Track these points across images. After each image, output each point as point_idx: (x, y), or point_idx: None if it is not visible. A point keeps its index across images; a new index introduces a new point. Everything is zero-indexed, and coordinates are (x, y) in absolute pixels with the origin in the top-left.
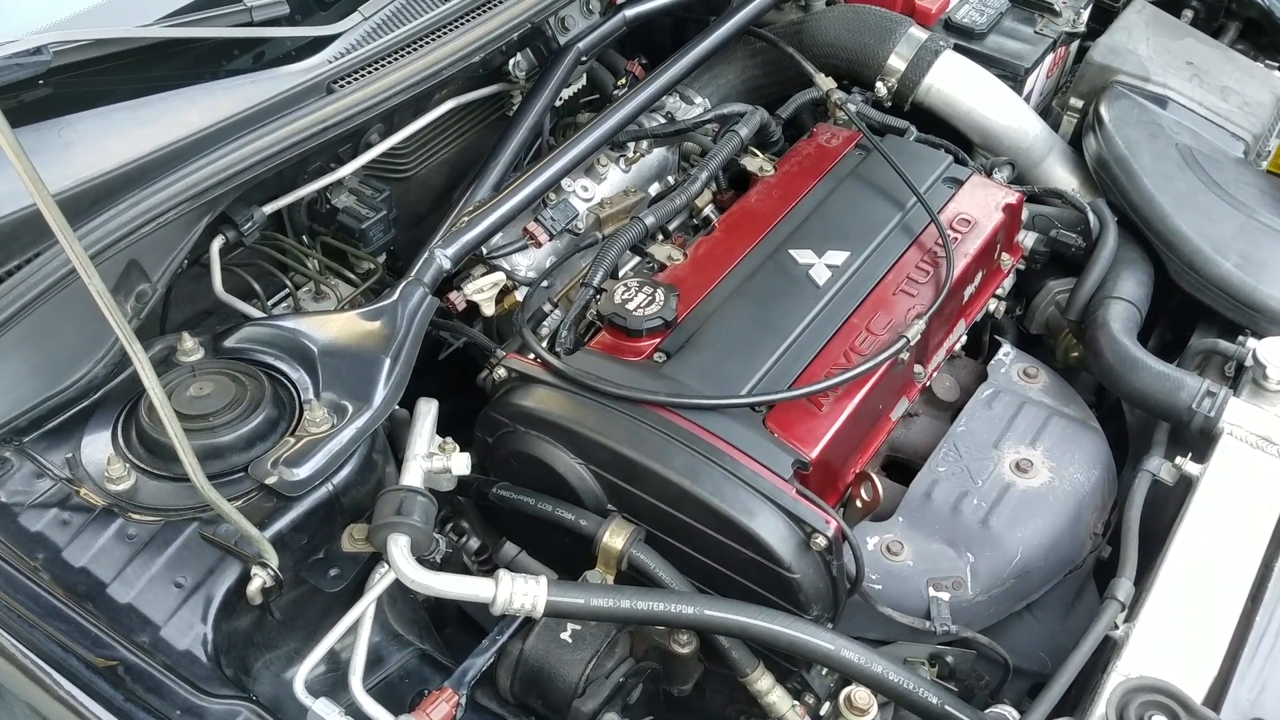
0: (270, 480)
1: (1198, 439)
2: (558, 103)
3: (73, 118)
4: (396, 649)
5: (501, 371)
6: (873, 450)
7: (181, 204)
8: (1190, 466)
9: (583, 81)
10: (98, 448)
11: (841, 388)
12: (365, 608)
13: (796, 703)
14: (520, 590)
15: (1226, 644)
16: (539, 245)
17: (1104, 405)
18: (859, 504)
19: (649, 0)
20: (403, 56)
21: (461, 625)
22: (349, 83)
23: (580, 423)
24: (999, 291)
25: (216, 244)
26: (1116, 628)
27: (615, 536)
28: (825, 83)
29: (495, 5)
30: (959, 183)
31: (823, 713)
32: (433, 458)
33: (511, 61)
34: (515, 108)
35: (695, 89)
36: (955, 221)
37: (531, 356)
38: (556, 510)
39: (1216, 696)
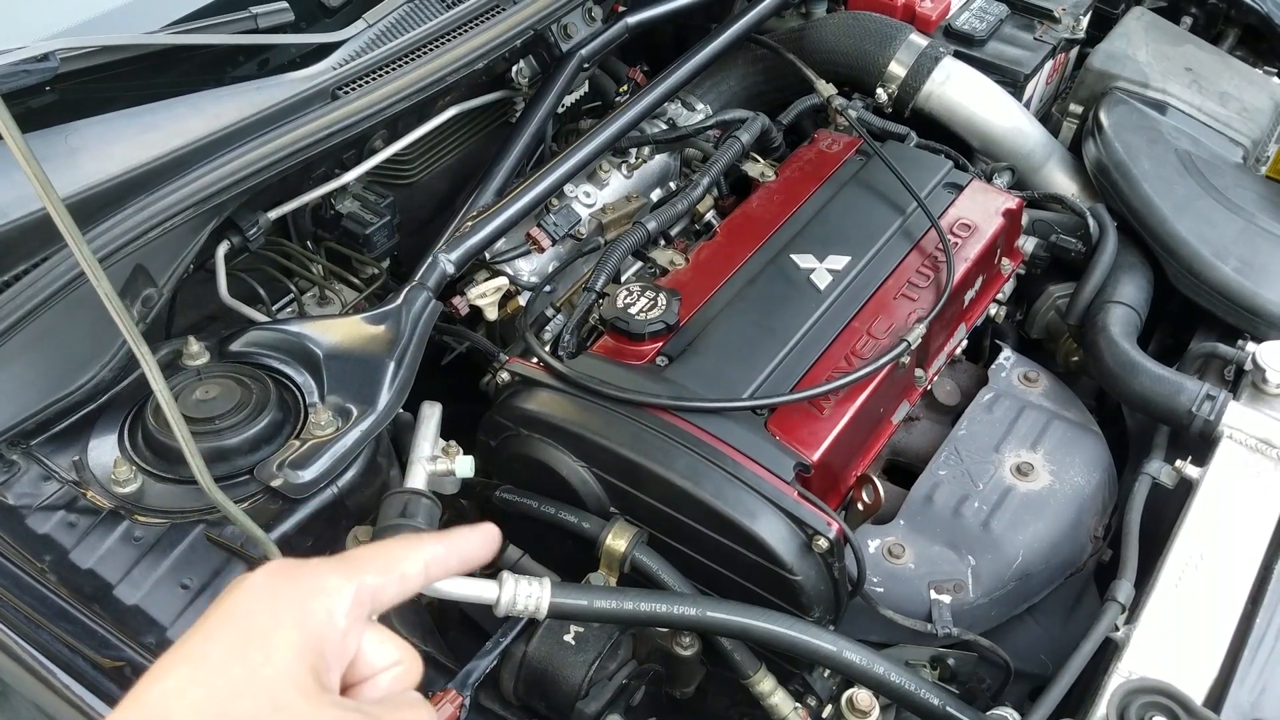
0: (276, 483)
1: (1197, 442)
2: (560, 109)
3: (79, 124)
4: None
5: (504, 375)
6: (874, 453)
7: (187, 209)
8: (1190, 469)
9: (585, 88)
10: (104, 450)
11: (843, 391)
12: None
13: (799, 705)
14: (524, 592)
15: (1227, 645)
16: (541, 250)
17: (1104, 409)
18: (860, 507)
19: (651, 7)
20: (406, 63)
21: (464, 629)
22: (353, 89)
23: (583, 426)
24: (999, 296)
25: (222, 249)
26: (1117, 629)
27: (618, 539)
28: (826, 89)
29: (498, 12)
30: (959, 188)
31: (825, 715)
32: (436, 461)
33: (514, 68)
34: (518, 114)
35: (697, 95)
36: (956, 226)
37: (534, 360)
38: (559, 513)
39: (1217, 697)
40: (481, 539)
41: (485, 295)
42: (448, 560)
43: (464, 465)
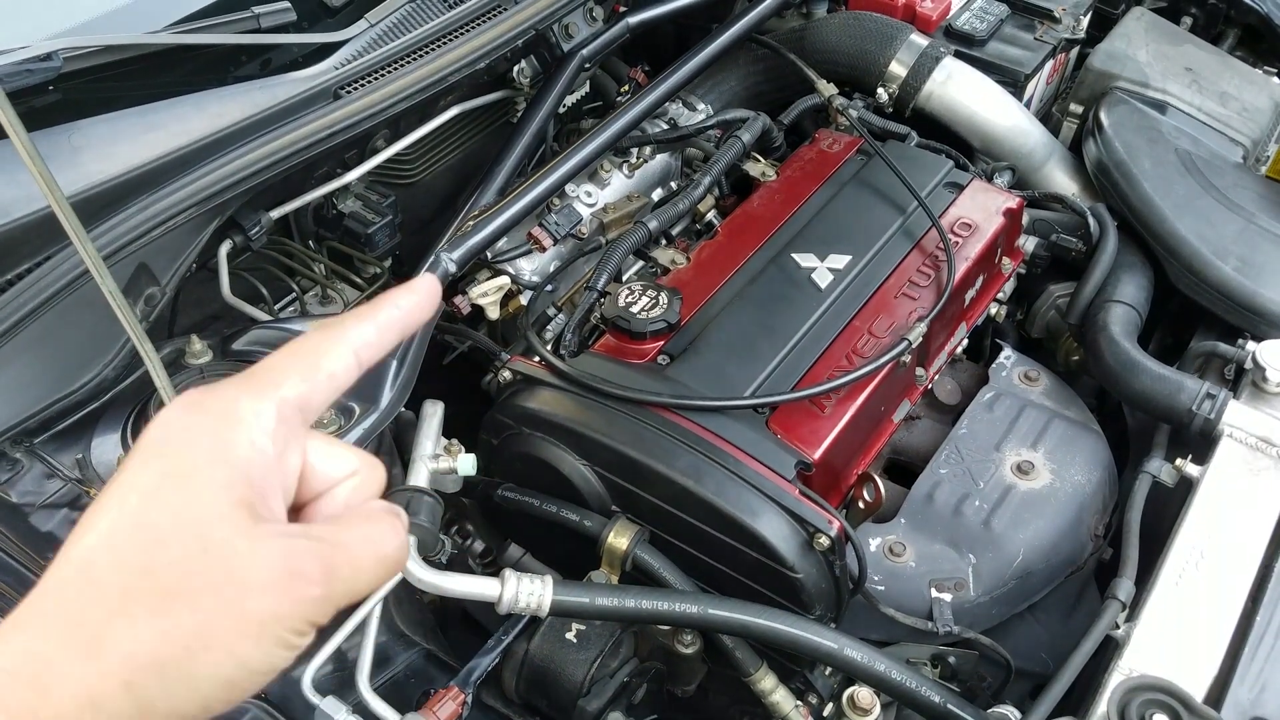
0: None
1: (1198, 441)
2: (561, 109)
3: (83, 123)
4: (403, 649)
5: (506, 374)
6: (875, 452)
7: (190, 208)
8: (1190, 468)
9: (586, 88)
10: (107, 449)
11: (844, 390)
12: (372, 607)
13: (800, 703)
14: (526, 589)
15: (1227, 643)
16: (543, 250)
17: (1105, 408)
18: (861, 505)
19: (652, 7)
20: (408, 63)
21: (466, 627)
22: (355, 89)
23: (584, 424)
24: (1000, 295)
25: (224, 248)
26: (1118, 627)
27: (619, 537)
28: (827, 89)
29: (499, 12)
30: (960, 187)
31: (826, 713)
32: (439, 459)
33: (516, 68)
34: (519, 114)
35: (698, 95)
36: (956, 226)
37: (536, 359)
38: (561, 511)
39: (1217, 695)
40: (414, 301)
41: (487, 294)
42: (381, 339)
43: (466, 463)
